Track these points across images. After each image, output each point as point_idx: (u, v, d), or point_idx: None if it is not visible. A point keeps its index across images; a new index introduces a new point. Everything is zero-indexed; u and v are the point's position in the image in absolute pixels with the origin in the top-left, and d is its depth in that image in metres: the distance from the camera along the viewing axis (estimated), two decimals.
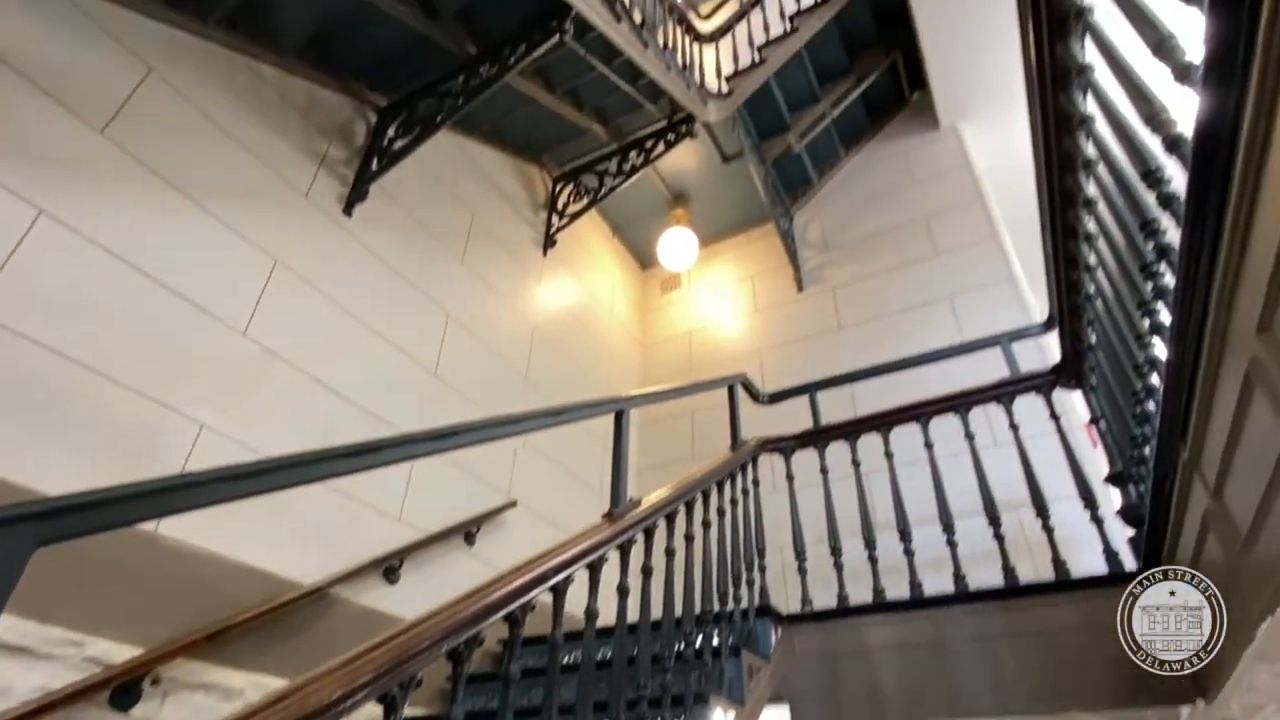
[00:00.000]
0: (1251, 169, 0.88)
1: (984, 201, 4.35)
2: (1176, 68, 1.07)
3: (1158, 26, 1.09)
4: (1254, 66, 0.81)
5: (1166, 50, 1.08)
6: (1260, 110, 0.82)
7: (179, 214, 2.39)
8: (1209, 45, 0.86)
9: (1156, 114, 1.21)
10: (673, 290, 5.54)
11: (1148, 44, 1.11)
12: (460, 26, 3.15)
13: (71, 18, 2.28)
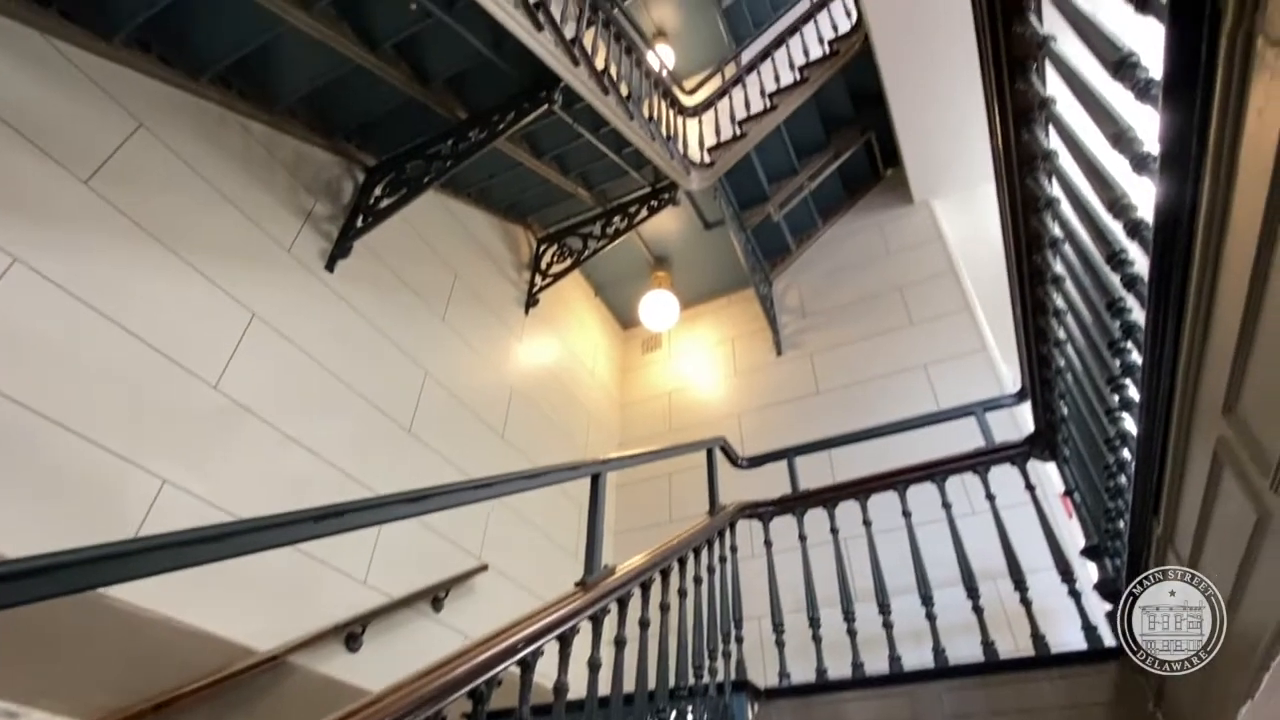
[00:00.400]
0: (1210, 256, 0.91)
1: (956, 274, 4.48)
2: (1134, 159, 1.12)
3: (1116, 120, 1.15)
4: (1207, 161, 0.85)
5: (1124, 142, 1.14)
6: (1215, 201, 0.86)
7: (158, 265, 2.37)
8: (1164, 140, 0.90)
9: (1117, 200, 1.27)
10: (653, 350, 5.57)
11: (1106, 136, 1.17)
12: (451, 93, 3.24)
13: (64, 70, 2.31)
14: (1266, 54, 0.67)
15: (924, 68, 4.21)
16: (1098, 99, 1.20)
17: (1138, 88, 1.04)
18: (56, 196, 2.18)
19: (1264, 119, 0.72)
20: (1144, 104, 1.04)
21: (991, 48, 1.54)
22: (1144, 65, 1.04)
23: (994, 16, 1.48)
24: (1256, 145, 0.73)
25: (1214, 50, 0.74)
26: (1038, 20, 1.43)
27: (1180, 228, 0.93)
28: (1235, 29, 0.69)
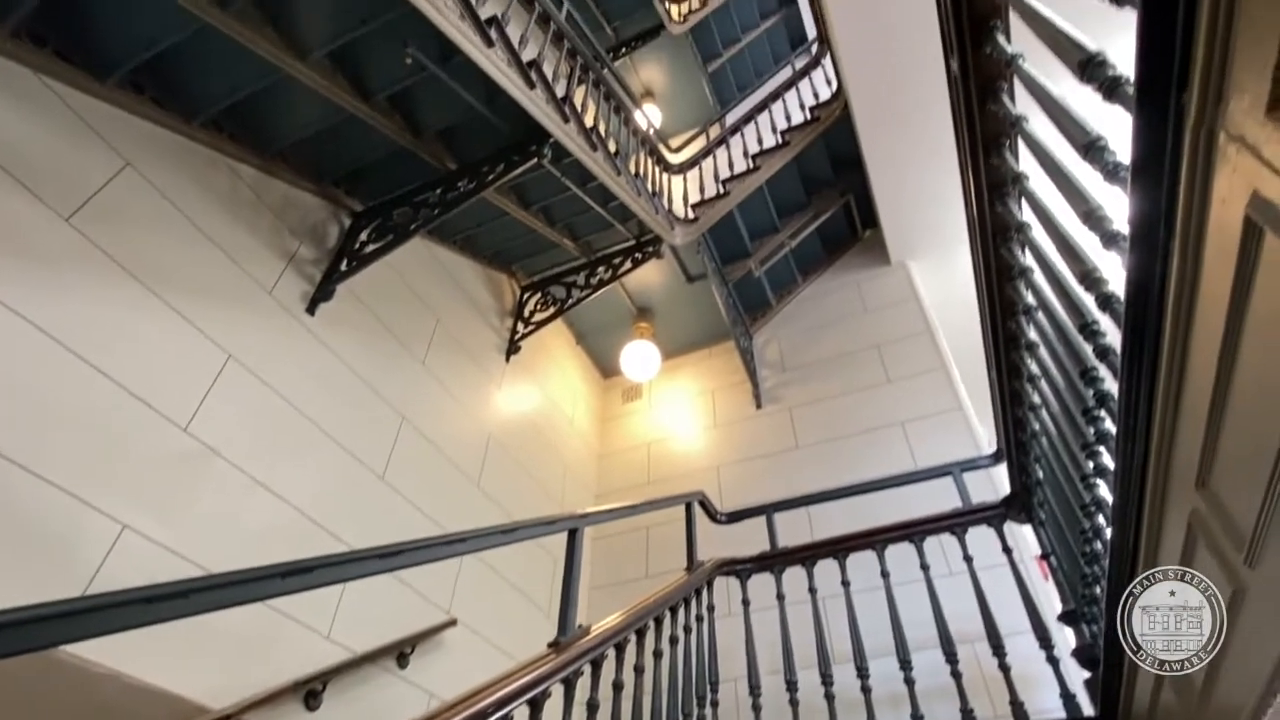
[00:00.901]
0: (1180, 334, 0.94)
1: (932, 334, 4.57)
2: (1104, 235, 1.17)
3: (1087, 199, 1.20)
4: (1175, 243, 0.89)
5: (1094, 220, 1.18)
6: (1184, 281, 0.89)
7: (135, 304, 2.34)
8: (1133, 222, 0.94)
9: (1089, 273, 1.31)
10: (634, 400, 5.56)
11: (1077, 213, 1.22)
12: (442, 143, 3.29)
13: (53, 107, 2.31)
14: (1228, 150, 0.70)
15: (901, 137, 4.37)
16: (1068, 177, 1.25)
17: (1106, 169, 1.08)
18: (36, 233, 2.15)
19: (1228, 207, 0.75)
20: (1113, 185, 1.09)
21: (967, 125, 1.61)
22: (1112, 149, 1.09)
23: (969, 96, 1.55)
24: (1222, 232, 0.77)
25: (1179, 143, 0.78)
26: (1010, 101, 1.50)
27: (1151, 305, 0.97)
28: (1199, 125, 0.73)
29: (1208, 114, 0.72)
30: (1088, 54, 1.02)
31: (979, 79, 1.52)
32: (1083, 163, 1.19)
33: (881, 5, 3.91)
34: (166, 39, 2.30)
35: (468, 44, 2.46)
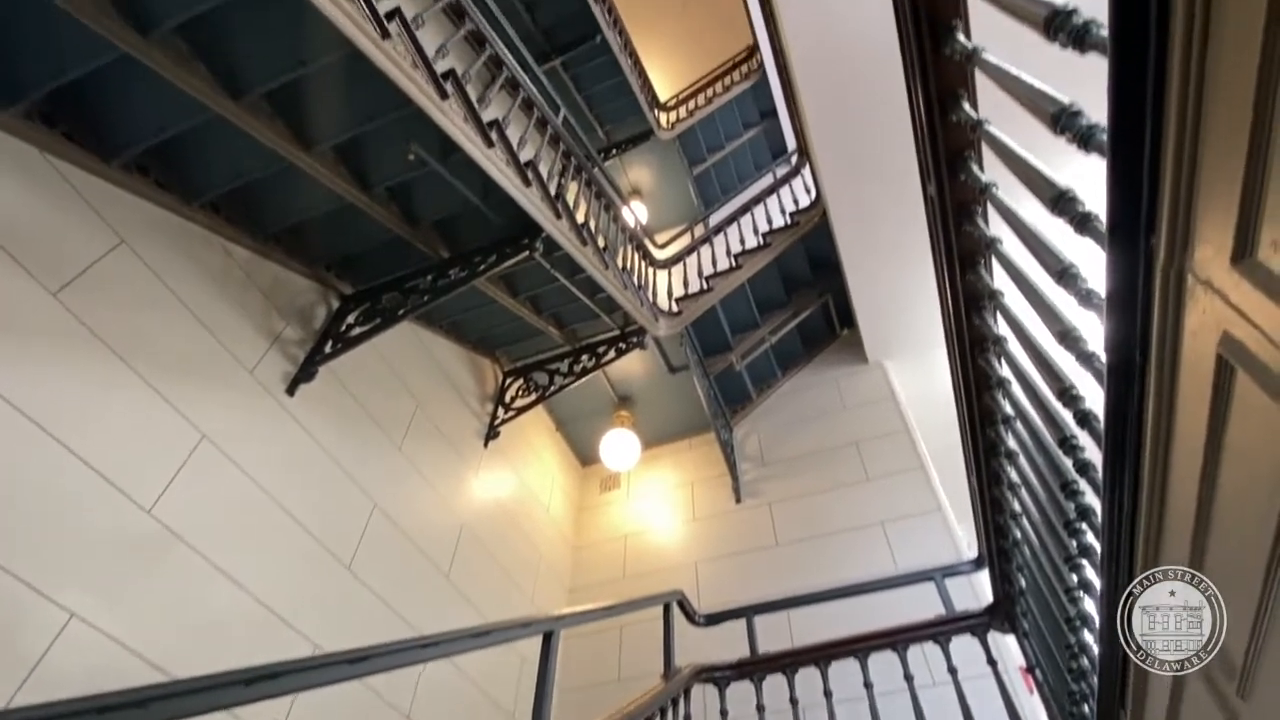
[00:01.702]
0: (1159, 457, 0.97)
1: (910, 433, 4.62)
2: (1080, 355, 1.22)
3: (1061, 319, 1.26)
4: (1150, 370, 0.93)
5: (1070, 340, 1.24)
6: (1160, 408, 0.92)
7: (112, 380, 2.30)
8: (1109, 349, 0.98)
9: (1066, 390, 1.36)
10: (612, 490, 5.48)
11: (1053, 333, 1.27)
12: (436, 233, 3.37)
13: (54, 183, 2.34)
14: (1197, 290, 0.75)
15: (877, 244, 4.58)
16: (1043, 298, 1.32)
17: (1080, 295, 1.14)
18: (20, 305, 2.13)
19: (1200, 341, 0.79)
20: (1087, 310, 1.15)
21: (944, 244, 1.69)
22: (1084, 277, 1.16)
23: (945, 217, 1.64)
24: (1196, 365, 0.81)
25: (1150, 280, 0.83)
26: (984, 223, 1.59)
27: (1130, 429, 1.00)
28: (1168, 266, 0.79)
29: (1176, 257, 0.77)
30: (1058, 190, 1.09)
31: (954, 202, 1.61)
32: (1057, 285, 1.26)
33: (858, 124, 4.18)
34: (176, 126, 2.37)
35: (469, 144, 2.57)
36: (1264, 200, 0.62)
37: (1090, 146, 0.95)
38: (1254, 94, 0.62)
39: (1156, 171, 0.78)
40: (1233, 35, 0.65)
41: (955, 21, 1.31)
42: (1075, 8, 0.92)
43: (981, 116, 1.36)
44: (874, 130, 4.05)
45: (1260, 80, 0.60)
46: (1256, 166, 0.62)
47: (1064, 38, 0.92)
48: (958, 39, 1.31)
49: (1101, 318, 1.04)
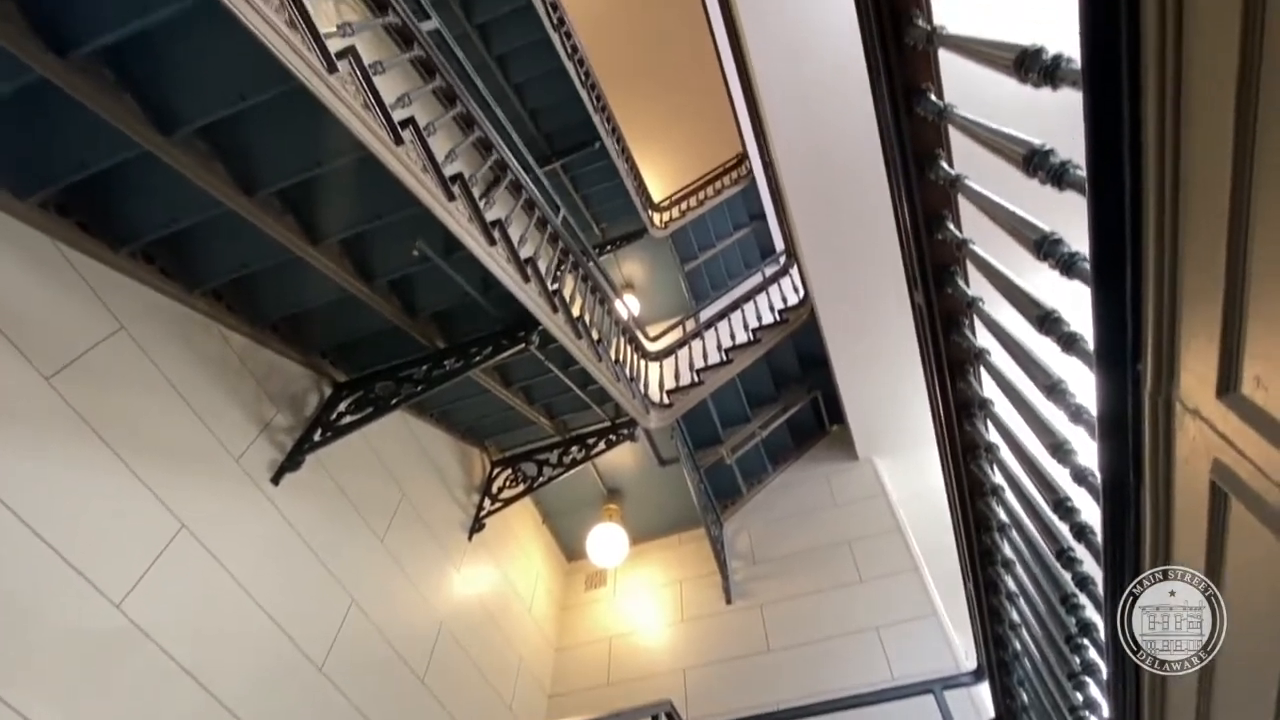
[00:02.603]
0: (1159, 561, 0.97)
1: (903, 533, 4.56)
2: (1074, 471, 1.23)
3: (1053, 432, 1.28)
4: (1145, 493, 0.94)
5: (1063, 452, 1.26)
6: (1158, 528, 0.93)
7: (97, 467, 2.25)
8: (1103, 470, 1.00)
9: (1061, 501, 1.37)
10: (598, 588, 5.30)
11: (1044, 445, 1.29)
12: (434, 324, 3.42)
13: (60, 269, 2.37)
14: (1185, 418, 0.78)
15: (865, 343, 4.68)
16: (1034, 411, 1.35)
17: (1070, 411, 1.17)
18: (11, 390, 2.12)
19: (1191, 467, 0.81)
20: (1078, 425, 1.17)
21: (933, 352, 1.74)
22: (1073, 392, 1.19)
23: (934, 327, 1.70)
24: (1189, 488, 0.82)
25: (1139, 404, 0.86)
26: (972, 334, 1.64)
27: (1128, 548, 1.00)
28: (1156, 393, 0.82)
29: (1164, 385, 0.80)
30: (1044, 311, 1.14)
31: (942, 312, 1.67)
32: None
33: (845, 230, 4.36)
34: (188, 219, 2.44)
35: (473, 243, 2.66)
36: (1243, 336, 0.65)
37: (1073, 274, 1.00)
38: (1226, 237, 0.67)
39: (1139, 302, 0.82)
40: (1203, 181, 0.70)
41: (939, 151, 1.40)
42: (1051, 148, 1.00)
43: (966, 236, 1.44)
44: (861, 235, 4.22)
45: (1231, 225, 0.65)
46: (1234, 304, 0.66)
47: (1043, 175, 0.99)
48: (941, 166, 1.40)
49: (1093, 435, 1.06)
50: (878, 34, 1.29)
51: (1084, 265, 0.98)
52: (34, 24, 1.90)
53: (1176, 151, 0.75)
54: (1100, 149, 0.84)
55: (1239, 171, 0.64)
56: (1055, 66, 0.90)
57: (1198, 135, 0.71)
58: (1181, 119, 0.73)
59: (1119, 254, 0.85)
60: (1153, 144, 0.77)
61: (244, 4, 1.70)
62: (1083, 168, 0.90)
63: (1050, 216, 1.07)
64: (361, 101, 2.14)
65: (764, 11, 3.82)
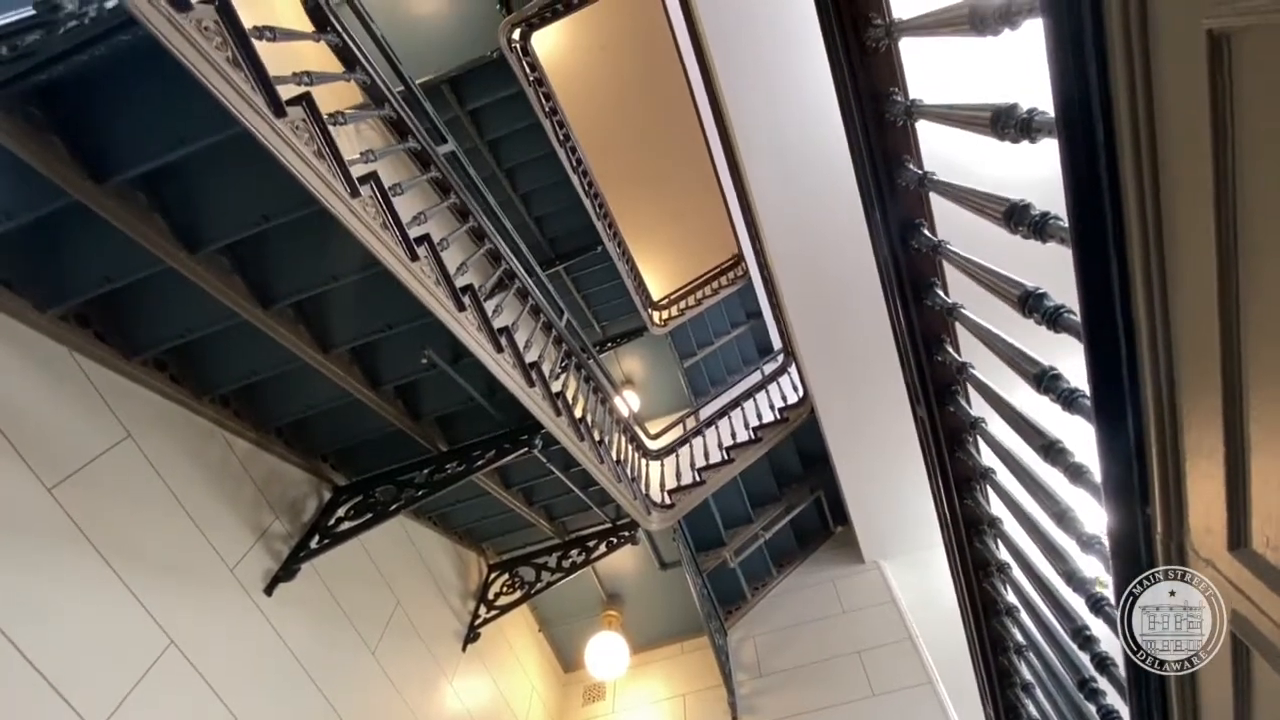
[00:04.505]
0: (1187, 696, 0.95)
1: (914, 643, 4.40)
2: (1089, 601, 1.22)
3: (1067, 560, 1.28)
4: None
5: (1077, 582, 1.25)
6: (1184, 683, 0.92)
7: (90, 580, 2.20)
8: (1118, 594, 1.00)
9: (1079, 630, 1.34)
10: (596, 702, 5.04)
11: (1059, 572, 1.28)
12: (437, 427, 3.43)
13: (71, 376, 2.39)
14: (1199, 565, 0.79)
15: (868, 445, 4.68)
16: (1044, 536, 1.35)
17: (1081, 540, 1.17)
18: (11, 501, 2.10)
19: (1210, 615, 0.81)
20: (1089, 554, 1.17)
21: (938, 467, 1.75)
22: (1082, 521, 1.20)
23: (938, 443, 1.72)
24: (1209, 638, 0.82)
25: (1151, 546, 0.87)
26: (977, 452, 1.66)
27: (1153, 696, 0.98)
28: (1168, 539, 0.83)
29: (1174, 531, 0.81)
30: (1048, 440, 1.17)
31: (945, 429, 1.70)
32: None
33: (843, 331, 4.45)
34: (204, 330, 2.50)
35: (481, 351, 2.72)
36: (1248, 496, 0.67)
37: (1075, 410, 1.03)
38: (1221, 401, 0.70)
39: (1143, 447, 0.85)
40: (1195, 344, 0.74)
41: (934, 280, 1.47)
42: (1044, 291, 1.05)
43: (966, 360, 1.49)
44: (859, 338, 4.31)
45: (1225, 391, 0.68)
46: (1236, 464, 0.68)
47: (1038, 317, 1.04)
48: (938, 295, 1.46)
49: (1105, 565, 1.06)
50: (872, 176, 1.38)
51: (1085, 402, 1.01)
52: (75, 153, 2.02)
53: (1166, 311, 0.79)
54: (1091, 293, 0.89)
55: (1227, 339, 0.67)
56: (1043, 223, 0.97)
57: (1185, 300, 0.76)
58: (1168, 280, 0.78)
59: (1118, 399, 0.88)
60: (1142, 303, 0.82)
61: (278, 139, 1.82)
62: (1076, 312, 0.94)
63: (1050, 350, 1.12)
64: (380, 222, 2.25)
65: (757, 126, 4.05)
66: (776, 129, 3.94)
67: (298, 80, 2.21)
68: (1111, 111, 0.75)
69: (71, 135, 1.95)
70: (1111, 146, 0.77)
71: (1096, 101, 0.76)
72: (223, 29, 1.70)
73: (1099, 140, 0.78)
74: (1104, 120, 0.77)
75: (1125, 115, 0.72)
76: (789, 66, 3.54)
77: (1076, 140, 0.81)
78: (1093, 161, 0.81)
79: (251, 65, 1.75)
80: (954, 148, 1.61)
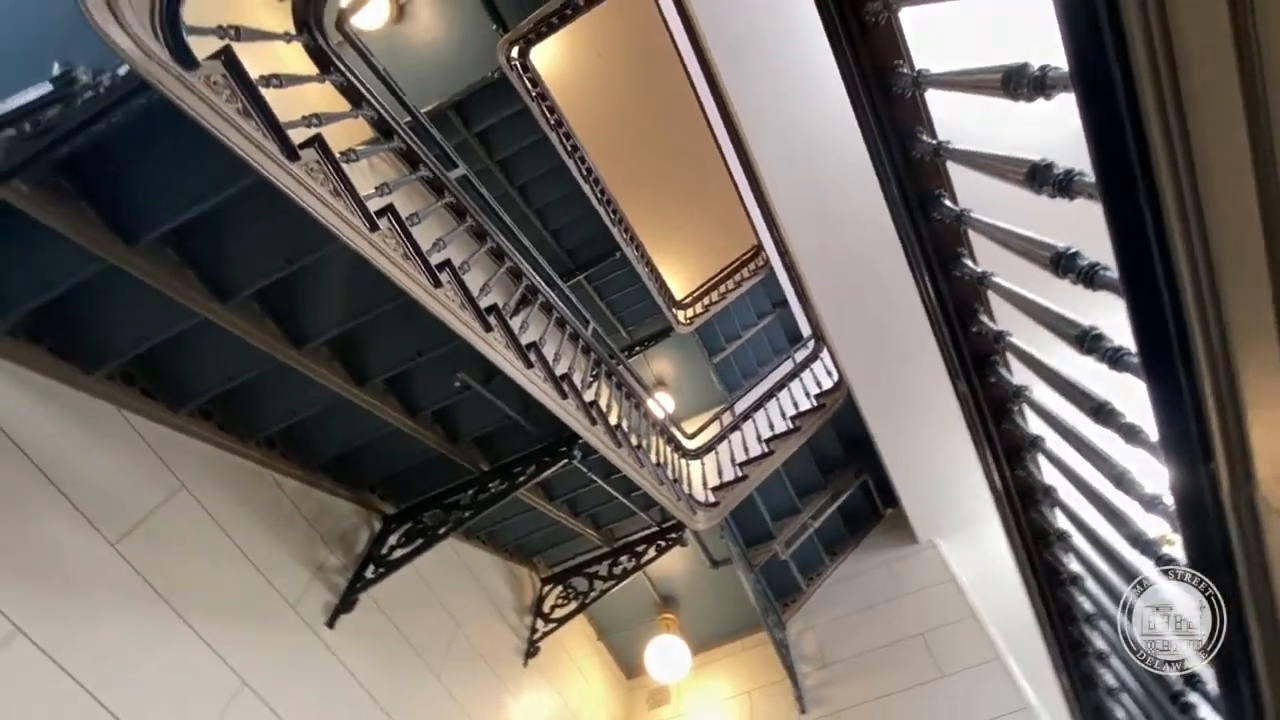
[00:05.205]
0: None
1: (978, 619, 4.30)
2: (1158, 561, 1.18)
3: (1128, 523, 1.24)
4: (1241, 586, 0.90)
5: (1143, 544, 1.20)
6: (1264, 630, 0.88)
7: (161, 631, 2.27)
8: (1190, 566, 0.96)
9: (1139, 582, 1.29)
10: (661, 706, 5.04)
11: (1124, 536, 1.24)
12: (476, 448, 3.47)
13: (121, 432, 2.46)
14: (1272, 519, 0.75)
15: (910, 419, 4.60)
16: (1104, 501, 1.30)
17: (1144, 501, 1.13)
18: (79, 558, 2.18)
19: None
20: (1153, 514, 1.13)
21: (986, 439, 1.71)
22: (1141, 482, 1.16)
23: (982, 415, 1.68)
24: None
25: (1219, 503, 0.83)
26: (1023, 421, 1.62)
27: (1236, 651, 0.94)
28: (1235, 492, 0.79)
29: (1242, 485, 0.78)
30: (1097, 402, 1.13)
31: (989, 401, 1.66)
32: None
33: (872, 309, 4.37)
34: (243, 375, 2.56)
35: (511, 368, 2.74)
36: None
37: (1121, 367, 1.00)
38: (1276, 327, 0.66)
39: (1198, 398, 0.81)
40: (1239, 280, 0.71)
41: (960, 250, 1.44)
42: (1077, 250, 1.02)
43: (1004, 328, 1.45)
44: (890, 314, 4.23)
45: None
46: None
47: (1073, 276, 1.01)
48: (965, 264, 1.43)
49: (1172, 525, 1.02)
50: (885, 152, 1.36)
51: (1131, 360, 0.97)
52: (105, 217, 2.09)
53: (1208, 250, 0.76)
54: (1125, 243, 0.86)
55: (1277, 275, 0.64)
56: (1068, 181, 0.94)
57: (1227, 236, 0.73)
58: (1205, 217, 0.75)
59: (1166, 352, 0.85)
60: (1181, 246, 0.79)
61: (294, 183, 1.86)
62: (1112, 269, 0.91)
63: (1086, 314, 1.08)
64: (401, 252, 2.28)
65: (762, 113, 4.00)
66: (782, 113, 3.89)
67: (308, 123, 2.25)
68: (1127, 51, 0.72)
69: (100, 200, 2.01)
70: (1130, 85, 0.74)
71: (1110, 43, 0.73)
72: (231, 82, 1.74)
73: (1116, 81, 0.75)
74: (1120, 63, 0.74)
75: (1140, 43, 0.69)
76: (789, 48, 3.51)
77: (1092, 81, 0.78)
78: (1112, 103, 0.78)
79: (261, 114, 1.79)
80: (961, 117, 1.57)
